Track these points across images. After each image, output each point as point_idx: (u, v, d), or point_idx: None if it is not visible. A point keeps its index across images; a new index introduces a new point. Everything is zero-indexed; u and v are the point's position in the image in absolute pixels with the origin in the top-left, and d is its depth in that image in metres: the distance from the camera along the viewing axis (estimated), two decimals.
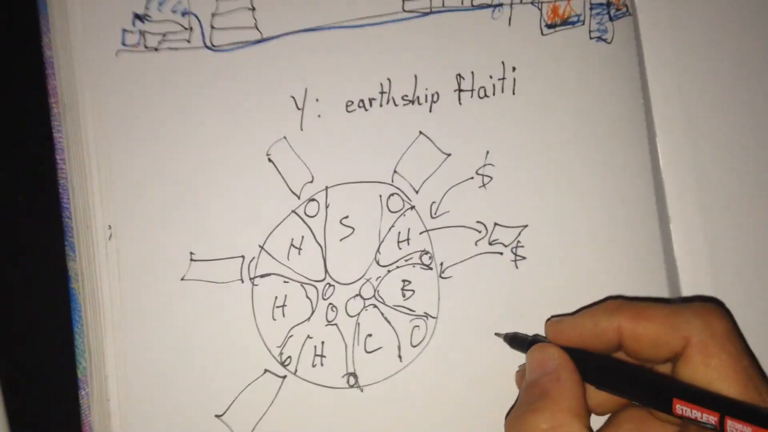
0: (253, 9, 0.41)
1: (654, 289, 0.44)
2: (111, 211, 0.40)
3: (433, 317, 0.43)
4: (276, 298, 0.42)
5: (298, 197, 0.42)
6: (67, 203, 0.41)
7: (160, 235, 0.40)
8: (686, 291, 0.43)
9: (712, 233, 0.44)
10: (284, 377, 0.42)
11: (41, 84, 0.41)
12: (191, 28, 0.40)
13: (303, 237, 0.42)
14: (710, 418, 0.34)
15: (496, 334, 0.43)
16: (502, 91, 0.44)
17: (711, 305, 0.37)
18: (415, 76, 0.43)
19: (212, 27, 0.41)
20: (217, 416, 0.41)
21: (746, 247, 0.45)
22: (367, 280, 0.43)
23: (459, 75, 0.43)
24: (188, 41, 0.40)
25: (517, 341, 0.42)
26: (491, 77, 0.44)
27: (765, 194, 0.45)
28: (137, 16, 0.40)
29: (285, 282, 0.42)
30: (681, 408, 0.34)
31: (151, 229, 0.40)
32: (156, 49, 0.40)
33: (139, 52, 0.40)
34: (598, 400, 0.39)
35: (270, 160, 0.41)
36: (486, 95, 0.44)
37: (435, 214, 0.43)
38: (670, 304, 0.38)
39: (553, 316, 0.42)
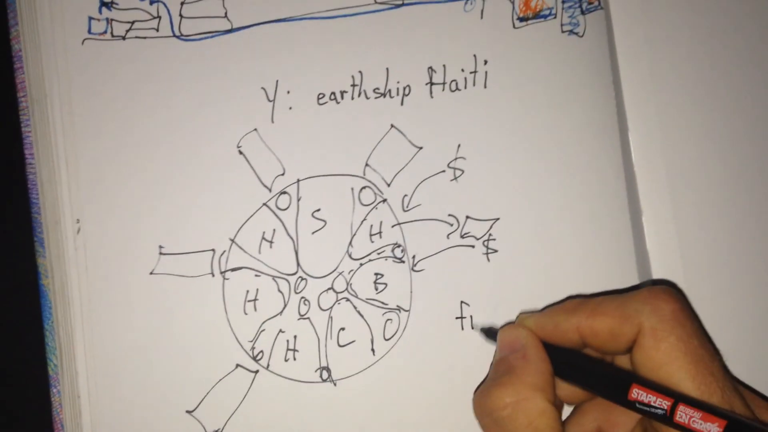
0: None
1: (626, 281, 0.45)
2: (79, 205, 0.40)
3: (406, 310, 0.43)
4: (247, 292, 0.41)
5: (270, 190, 0.42)
6: (36, 199, 0.41)
7: (128, 228, 0.40)
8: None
9: (683, 226, 0.44)
10: (256, 372, 0.41)
11: (9, 78, 0.41)
12: (160, 17, 0.40)
13: (274, 230, 0.42)
14: (663, 403, 0.34)
15: (472, 327, 0.43)
16: (474, 85, 0.44)
17: (659, 288, 0.37)
18: (387, 69, 0.43)
19: (181, 16, 0.40)
20: (188, 412, 0.41)
21: (717, 240, 0.45)
22: (340, 274, 0.42)
23: (431, 68, 0.43)
24: (156, 30, 0.40)
25: (492, 333, 0.42)
26: (463, 70, 0.44)
27: (736, 187, 0.46)
28: (104, 3, 0.39)
29: (256, 276, 0.41)
30: (636, 392, 0.35)
31: (119, 223, 0.40)
32: (123, 38, 0.40)
33: (106, 40, 0.39)
34: (569, 390, 0.40)
35: (241, 152, 0.41)
36: (458, 88, 0.44)
37: (407, 207, 0.43)
38: (623, 295, 0.38)
39: (522, 312, 0.42)
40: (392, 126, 0.43)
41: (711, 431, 0.33)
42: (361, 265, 0.43)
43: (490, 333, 0.42)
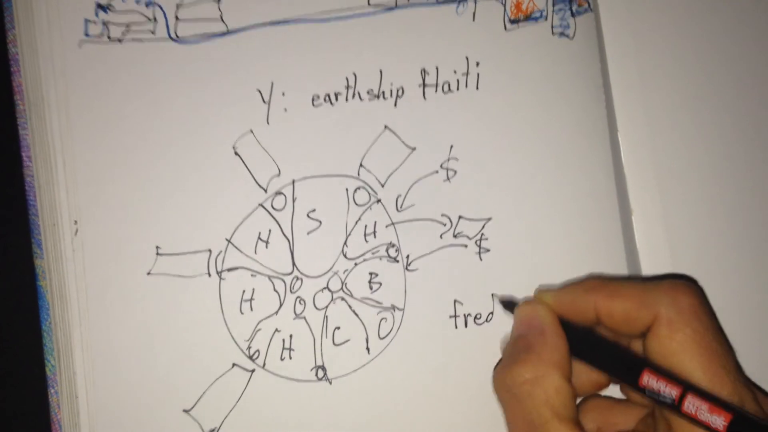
0: (219, 1, 0.41)
1: None
2: (77, 206, 0.40)
3: (400, 309, 0.43)
4: (243, 291, 0.42)
5: (265, 191, 0.42)
6: (34, 201, 0.41)
7: (125, 229, 0.40)
8: None
9: (672, 225, 0.45)
10: (252, 371, 0.42)
11: (6, 82, 0.41)
12: (155, 19, 0.40)
13: (270, 230, 0.42)
14: (672, 392, 0.35)
15: (492, 295, 0.44)
16: (466, 86, 0.44)
17: (681, 282, 0.38)
18: (381, 71, 0.43)
19: (177, 18, 0.41)
20: (186, 411, 0.41)
21: (706, 238, 0.45)
22: (335, 273, 0.43)
23: (424, 70, 0.44)
24: (153, 32, 0.40)
25: (510, 305, 0.42)
26: (455, 72, 0.44)
27: (724, 186, 0.46)
28: (100, 6, 0.40)
29: (252, 275, 0.42)
30: (648, 378, 0.36)
31: (116, 224, 0.40)
32: (120, 41, 0.40)
33: (102, 43, 0.40)
34: (575, 379, 0.40)
35: (236, 153, 0.42)
36: (450, 90, 0.44)
37: (401, 207, 0.44)
38: (644, 282, 0.39)
39: (540, 287, 0.43)
40: (386, 127, 0.43)
41: (717, 423, 0.34)
42: (356, 264, 0.43)
43: (508, 305, 0.43)
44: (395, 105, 0.43)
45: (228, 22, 0.41)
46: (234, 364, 0.41)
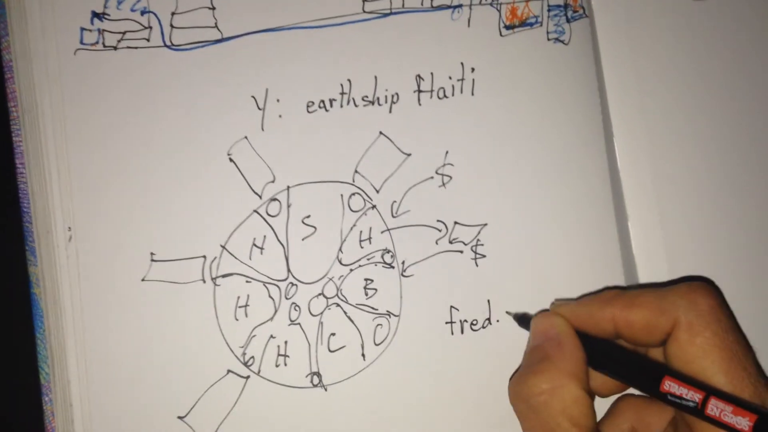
0: (213, 8, 0.41)
1: (611, 285, 0.45)
2: (71, 213, 0.40)
3: (396, 315, 0.43)
4: (238, 298, 0.42)
5: (260, 197, 0.42)
6: (27, 208, 0.41)
7: (120, 235, 0.40)
8: None
9: (668, 230, 0.45)
10: (247, 377, 0.42)
11: (0, 88, 0.41)
12: (151, 27, 0.40)
13: (265, 236, 0.42)
14: (695, 396, 0.35)
15: (506, 312, 0.44)
16: (461, 92, 0.44)
17: (697, 284, 0.38)
18: (375, 77, 0.43)
19: (172, 26, 0.41)
20: (180, 418, 0.41)
21: (701, 244, 0.46)
22: (330, 279, 0.43)
23: (419, 76, 0.44)
24: (148, 40, 0.40)
25: (524, 320, 0.42)
26: (450, 78, 0.44)
27: (720, 192, 0.46)
28: (96, 15, 0.40)
29: (247, 282, 0.42)
30: (669, 384, 0.36)
31: (111, 230, 0.40)
32: (115, 48, 0.40)
33: (97, 51, 0.40)
34: (599, 381, 0.40)
35: (231, 159, 0.42)
36: (445, 96, 0.44)
37: (396, 213, 0.44)
38: (660, 289, 0.38)
39: (556, 300, 0.43)
40: (381, 133, 0.43)
41: (741, 425, 0.34)
42: (351, 270, 0.43)
43: (523, 320, 0.43)
44: (390, 111, 0.43)
45: (223, 29, 0.41)
46: (229, 371, 0.41)
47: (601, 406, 0.41)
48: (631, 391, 0.42)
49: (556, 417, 0.36)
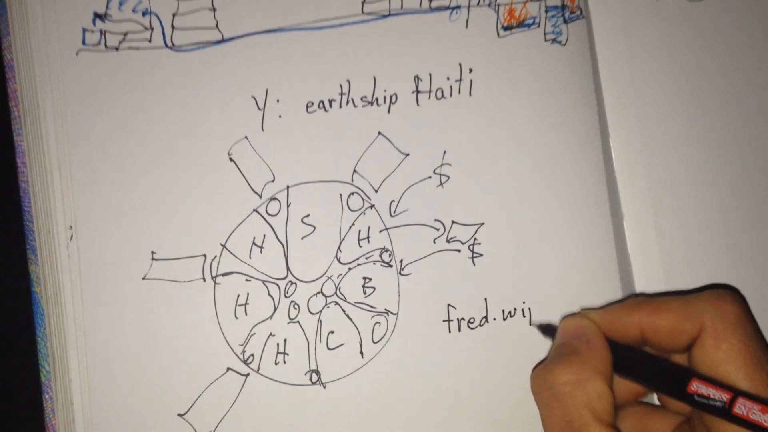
0: (214, 10, 0.41)
1: (607, 284, 0.45)
2: (72, 212, 0.40)
3: (394, 313, 0.43)
4: (238, 296, 0.42)
5: (260, 196, 0.42)
6: (28, 207, 0.41)
7: (121, 234, 0.41)
8: (639, 286, 0.45)
9: (663, 229, 0.45)
10: (247, 375, 0.42)
11: (2, 88, 0.41)
12: (152, 28, 0.41)
13: (265, 235, 0.42)
14: (723, 396, 0.35)
15: (531, 323, 0.45)
16: (459, 93, 0.45)
17: (723, 292, 0.38)
18: (374, 78, 0.44)
19: (173, 27, 0.41)
20: (180, 415, 0.41)
21: (696, 243, 0.46)
22: (329, 278, 0.43)
23: (417, 76, 0.44)
24: (149, 41, 0.41)
25: (549, 330, 0.43)
26: (448, 78, 0.44)
27: (715, 191, 0.46)
28: (98, 16, 0.40)
29: (247, 280, 0.42)
30: (696, 385, 0.36)
31: (112, 229, 0.41)
32: (117, 49, 0.40)
33: (99, 51, 0.40)
34: (617, 390, 0.40)
35: (231, 159, 0.42)
36: (443, 96, 0.44)
37: (394, 212, 0.44)
38: (685, 295, 0.39)
39: (583, 308, 0.44)
40: (379, 133, 0.44)
41: None
42: (350, 269, 0.43)
43: (547, 330, 0.43)
44: (389, 111, 0.44)
45: (223, 30, 0.41)
46: (228, 368, 0.42)
47: None
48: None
49: (579, 408, 0.37)
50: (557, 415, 0.37)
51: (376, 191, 0.44)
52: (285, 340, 0.42)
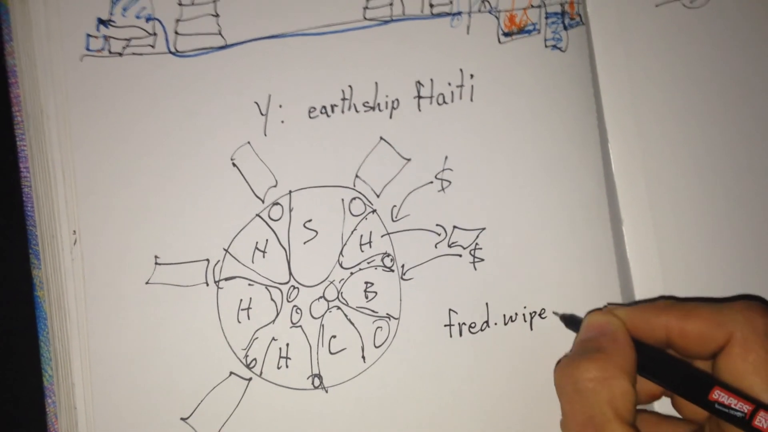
0: (217, 16, 0.41)
1: (607, 288, 0.46)
2: (76, 217, 0.40)
3: (395, 318, 0.44)
4: (241, 300, 0.42)
5: (262, 201, 0.42)
6: (31, 211, 0.41)
7: (124, 239, 0.41)
8: (638, 290, 0.45)
9: (662, 234, 0.45)
10: (249, 379, 0.42)
11: (4, 93, 0.41)
12: (156, 34, 0.41)
13: (267, 240, 0.42)
14: (744, 406, 0.35)
15: (553, 312, 0.45)
16: (461, 98, 0.45)
17: (755, 303, 0.38)
18: (376, 83, 0.44)
19: (176, 33, 0.41)
20: (183, 419, 0.41)
21: (695, 248, 0.46)
22: (331, 283, 0.43)
23: (418, 82, 0.44)
24: (152, 47, 0.41)
25: (572, 321, 0.43)
26: (450, 84, 0.45)
27: (714, 196, 0.47)
28: (101, 22, 0.40)
29: (250, 285, 0.42)
30: (718, 393, 0.36)
31: (116, 234, 0.41)
32: (120, 55, 0.40)
33: (103, 57, 0.40)
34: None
35: (234, 164, 0.42)
36: (445, 102, 0.45)
37: (396, 217, 0.44)
38: (716, 303, 0.39)
39: (610, 304, 0.44)
40: (381, 138, 0.44)
41: None
42: (352, 274, 0.43)
43: (571, 321, 0.43)
44: (390, 117, 0.44)
45: (226, 36, 0.42)
46: (231, 373, 0.42)
47: None
48: (647, 407, 0.43)
49: (601, 405, 0.37)
50: (579, 410, 0.37)
51: (378, 196, 0.44)
52: (287, 345, 0.43)
